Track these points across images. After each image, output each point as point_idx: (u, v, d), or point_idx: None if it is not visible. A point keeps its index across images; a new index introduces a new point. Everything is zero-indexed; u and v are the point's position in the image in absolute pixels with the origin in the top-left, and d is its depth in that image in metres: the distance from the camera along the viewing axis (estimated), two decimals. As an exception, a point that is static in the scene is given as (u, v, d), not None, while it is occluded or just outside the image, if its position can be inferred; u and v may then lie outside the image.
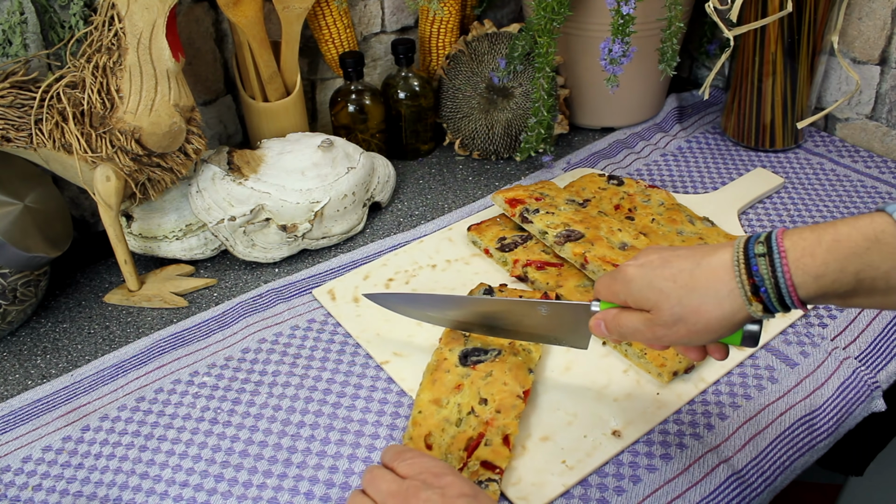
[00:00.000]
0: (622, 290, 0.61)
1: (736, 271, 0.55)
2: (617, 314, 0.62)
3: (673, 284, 0.57)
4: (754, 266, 0.54)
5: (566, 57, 1.18)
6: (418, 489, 0.57)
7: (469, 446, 0.71)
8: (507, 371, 0.77)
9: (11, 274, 0.86)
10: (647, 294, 0.59)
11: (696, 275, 0.56)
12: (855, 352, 0.83)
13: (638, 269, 0.60)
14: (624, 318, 0.62)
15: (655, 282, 0.58)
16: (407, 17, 1.26)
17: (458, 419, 0.73)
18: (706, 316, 0.56)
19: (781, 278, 0.53)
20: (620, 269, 0.62)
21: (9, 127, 0.82)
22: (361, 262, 0.99)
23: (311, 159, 0.98)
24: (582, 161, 1.19)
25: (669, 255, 0.59)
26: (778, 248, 0.54)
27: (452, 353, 0.79)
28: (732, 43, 1.05)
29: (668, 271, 0.58)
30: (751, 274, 0.54)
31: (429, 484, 0.57)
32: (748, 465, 0.72)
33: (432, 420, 0.73)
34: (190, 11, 1.05)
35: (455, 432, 0.72)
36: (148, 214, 0.97)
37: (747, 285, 0.54)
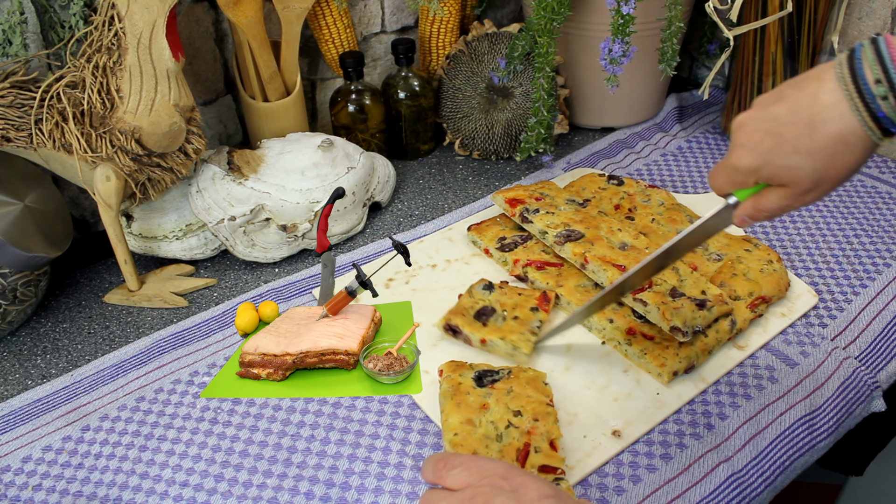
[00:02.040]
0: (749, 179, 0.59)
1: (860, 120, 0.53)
2: (755, 204, 0.60)
3: (798, 155, 0.55)
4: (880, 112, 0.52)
5: (566, 57, 1.18)
6: (488, 496, 0.47)
7: (519, 457, 0.69)
8: (526, 385, 0.76)
9: (11, 274, 0.86)
10: (778, 174, 0.57)
11: (816, 138, 0.54)
12: (855, 352, 0.83)
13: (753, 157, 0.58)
14: (765, 203, 0.59)
15: (779, 161, 0.56)
16: (407, 17, 1.26)
17: (497, 434, 0.71)
18: (844, 166, 0.55)
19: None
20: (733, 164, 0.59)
21: (9, 127, 0.82)
22: (361, 262, 0.99)
23: (311, 159, 0.98)
24: (582, 161, 1.19)
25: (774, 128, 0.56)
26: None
27: (465, 377, 0.78)
28: (732, 43, 1.05)
29: (787, 146, 0.56)
30: (878, 120, 0.53)
31: (498, 487, 0.48)
32: (748, 465, 0.72)
33: (472, 439, 0.71)
34: (190, 11, 1.05)
35: (500, 447, 0.70)
36: (148, 214, 0.97)
37: (877, 131, 0.53)
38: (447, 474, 0.50)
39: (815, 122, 0.54)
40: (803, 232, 1.02)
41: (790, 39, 1.07)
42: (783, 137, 0.55)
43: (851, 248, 0.98)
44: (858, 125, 0.53)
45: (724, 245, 0.95)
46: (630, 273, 0.74)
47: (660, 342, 0.81)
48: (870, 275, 0.93)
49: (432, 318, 0.89)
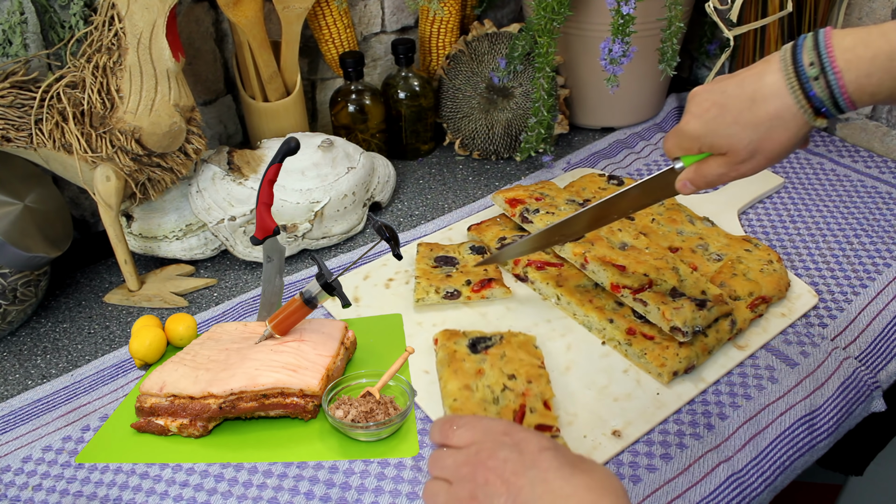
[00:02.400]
0: (692, 145, 0.64)
1: (794, 98, 0.58)
2: (697, 169, 0.66)
3: (738, 126, 0.60)
4: (811, 91, 0.57)
5: (566, 57, 1.18)
6: (492, 450, 0.50)
7: (516, 418, 0.73)
8: (518, 349, 0.80)
9: (11, 274, 0.86)
10: (718, 142, 0.62)
11: (756, 111, 0.59)
12: (855, 352, 0.83)
13: (698, 123, 0.63)
14: (705, 169, 0.65)
15: (720, 129, 0.61)
16: (407, 17, 1.26)
17: (493, 398, 0.75)
18: (778, 140, 0.60)
19: (840, 99, 0.56)
20: (682, 129, 0.64)
21: (9, 127, 0.82)
22: (361, 262, 0.99)
23: (311, 159, 0.98)
24: (582, 161, 1.19)
25: (721, 99, 0.61)
26: (832, 68, 0.56)
27: (459, 345, 0.80)
28: (732, 43, 1.05)
29: (729, 115, 0.61)
30: (809, 98, 0.57)
31: (501, 443, 0.51)
32: (748, 465, 0.72)
33: (471, 403, 0.74)
34: (190, 11, 1.05)
35: (497, 409, 0.74)
36: (148, 214, 0.97)
37: (808, 109, 0.58)
38: (453, 434, 0.53)
39: (757, 97, 0.59)
40: (803, 232, 1.02)
41: (790, 39, 1.07)
42: (727, 108, 0.61)
43: (851, 248, 0.98)
44: (794, 103, 0.58)
45: (724, 245, 0.95)
46: (568, 217, 0.78)
47: (660, 342, 0.81)
48: (870, 275, 0.93)
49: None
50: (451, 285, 0.89)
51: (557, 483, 0.48)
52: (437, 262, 0.94)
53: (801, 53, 0.57)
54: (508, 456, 0.50)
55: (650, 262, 0.87)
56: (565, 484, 0.48)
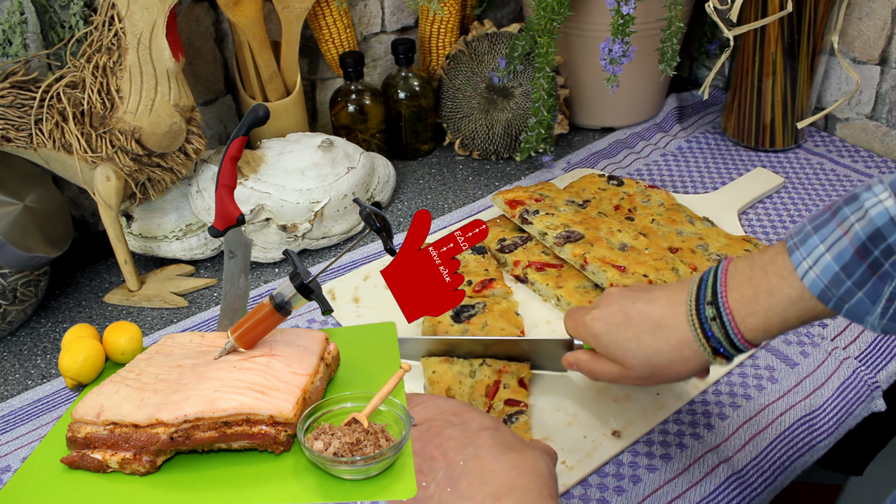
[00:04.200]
0: (591, 341, 0.65)
1: (695, 336, 0.58)
2: (590, 361, 0.66)
3: (638, 346, 0.60)
4: (709, 332, 0.57)
5: (566, 57, 1.18)
6: (440, 428, 0.55)
7: (489, 392, 0.75)
8: (500, 317, 0.82)
9: (11, 274, 0.86)
10: (615, 352, 0.62)
11: (658, 337, 0.59)
12: (855, 352, 0.83)
13: (602, 325, 0.63)
14: (598, 366, 0.65)
15: (620, 341, 0.61)
16: (407, 17, 1.26)
17: (471, 371, 0.76)
18: (676, 371, 0.60)
19: (735, 337, 0.56)
20: (586, 320, 0.65)
21: (9, 127, 0.82)
22: (361, 262, 0.99)
23: (311, 159, 0.98)
24: (582, 161, 1.19)
25: (630, 311, 0.61)
26: (724, 309, 0.56)
27: (443, 315, 0.82)
28: (732, 43, 1.05)
29: (631, 331, 0.61)
30: (708, 339, 0.57)
31: (449, 422, 0.56)
32: (748, 465, 0.72)
33: (447, 376, 0.76)
34: (190, 11, 1.05)
35: (472, 383, 0.75)
36: (148, 214, 0.97)
37: (707, 348, 0.58)
38: (411, 410, 0.57)
39: (662, 324, 0.59)
40: (803, 232, 1.01)
41: (790, 39, 1.07)
42: (632, 322, 0.61)
43: (851, 249, 0.98)
44: (694, 339, 0.58)
45: (724, 245, 0.95)
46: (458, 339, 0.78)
47: (660, 342, 0.81)
48: (870, 275, 0.93)
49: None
50: None
51: (487, 460, 0.52)
52: None
53: (703, 291, 0.58)
54: (453, 434, 0.54)
55: (650, 263, 0.87)
56: (493, 461, 0.52)
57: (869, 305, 0.49)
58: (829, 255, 0.49)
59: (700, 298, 0.57)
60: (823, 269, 0.50)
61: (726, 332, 0.56)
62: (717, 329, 0.56)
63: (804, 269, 0.51)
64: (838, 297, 0.50)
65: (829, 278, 0.50)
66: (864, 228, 0.48)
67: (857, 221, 0.48)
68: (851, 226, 0.48)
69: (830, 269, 0.49)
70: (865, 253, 0.48)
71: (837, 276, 0.49)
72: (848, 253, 0.48)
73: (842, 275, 0.49)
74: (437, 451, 0.54)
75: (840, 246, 0.49)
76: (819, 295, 0.51)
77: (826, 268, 0.50)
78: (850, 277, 0.49)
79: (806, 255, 0.51)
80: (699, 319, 0.57)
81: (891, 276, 0.48)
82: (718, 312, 0.56)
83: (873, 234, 0.47)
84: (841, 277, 0.49)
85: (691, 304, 0.58)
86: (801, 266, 0.51)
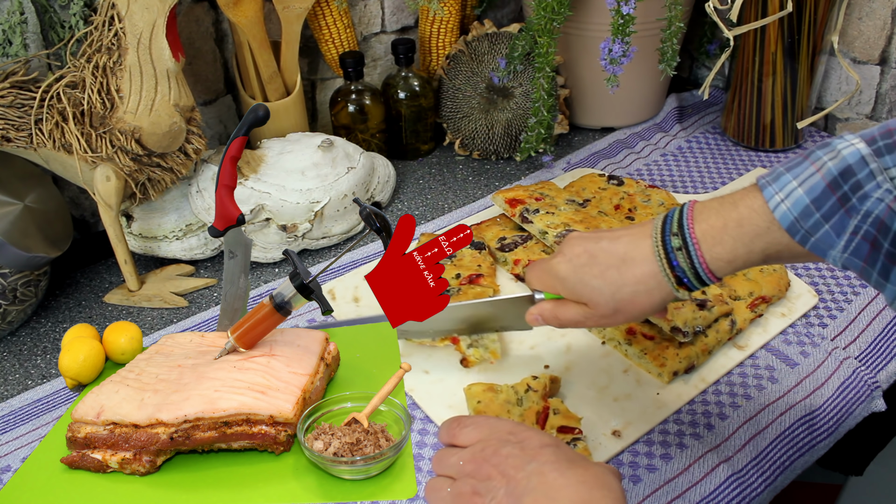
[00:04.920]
0: (556, 285, 0.65)
1: (660, 266, 0.59)
2: (554, 308, 0.66)
3: (603, 282, 0.61)
4: (674, 261, 0.58)
5: (566, 57, 1.18)
6: (496, 447, 0.53)
7: (539, 420, 0.73)
8: None
9: (11, 274, 0.86)
10: (581, 291, 0.63)
11: (623, 272, 0.60)
12: (855, 352, 0.83)
13: (567, 267, 0.63)
14: (562, 311, 0.65)
15: (586, 279, 0.62)
16: (407, 17, 1.26)
17: (517, 399, 0.75)
18: (640, 305, 0.61)
19: (700, 268, 0.57)
20: (550, 266, 0.65)
21: (9, 127, 0.82)
22: (361, 262, 0.99)
23: (311, 159, 0.98)
24: (582, 161, 1.19)
25: (594, 249, 0.62)
26: (691, 238, 0.57)
27: None
28: (732, 43, 1.05)
29: (597, 268, 0.61)
30: (672, 268, 0.58)
31: (505, 441, 0.54)
32: (748, 464, 0.72)
33: (494, 406, 0.74)
34: (190, 11, 1.05)
35: (520, 411, 0.74)
36: (148, 214, 0.97)
37: (672, 278, 0.59)
38: (460, 432, 0.55)
39: (627, 258, 0.60)
40: (803, 232, 1.01)
41: (790, 39, 1.07)
42: (597, 261, 0.61)
43: (851, 248, 0.98)
44: (659, 271, 0.59)
45: (724, 245, 0.95)
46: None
47: (660, 342, 0.81)
48: (870, 275, 0.93)
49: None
50: None
51: (552, 475, 0.50)
52: None
53: (668, 224, 0.59)
54: (511, 452, 0.52)
55: (650, 262, 0.87)
56: (559, 476, 0.50)
57: (834, 238, 0.52)
58: (801, 189, 0.52)
59: (665, 231, 0.59)
60: (795, 202, 0.52)
61: (691, 262, 0.57)
62: (683, 259, 0.58)
63: (776, 203, 0.53)
64: (806, 230, 0.52)
65: (799, 210, 0.52)
66: (836, 165, 0.51)
67: (830, 160, 0.51)
68: (824, 164, 0.51)
69: (801, 201, 0.52)
70: (836, 187, 0.51)
71: (807, 208, 0.52)
72: (819, 187, 0.51)
73: (812, 207, 0.52)
74: (495, 471, 0.52)
75: (812, 181, 0.51)
76: (788, 227, 0.53)
77: (797, 201, 0.52)
78: (819, 209, 0.51)
79: (778, 190, 0.53)
80: (665, 250, 0.59)
81: (857, 209, 0.50)
82: (685, 242, 0.57)
83: (844, 169, 0.50)
84: (811, 210, 0.52)
85: (657, 237, 0.59)
86: (773, 199, 0.53)
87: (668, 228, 0.59)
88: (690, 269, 0.58)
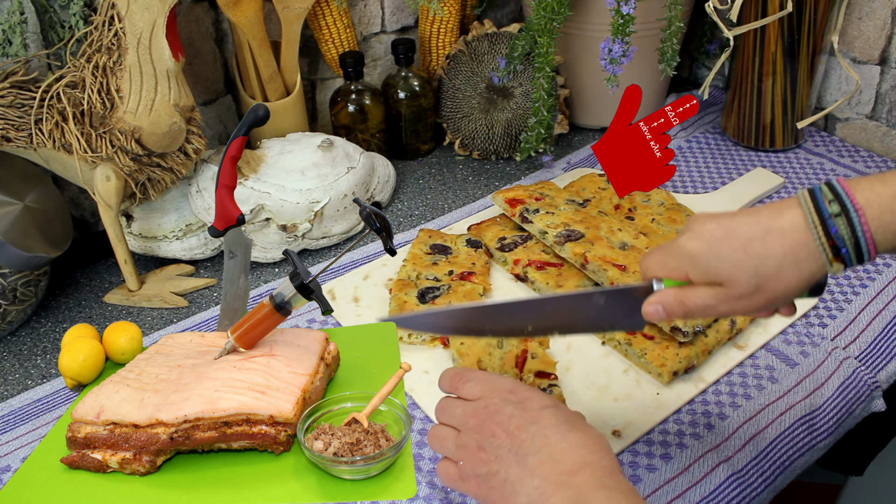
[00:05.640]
0: (684, 266, 0.57)
1: (814, 233, 0.53)
2: (679, 294, 0.57)
3: (745, 255, 0.54)
4: (833, 228, 0.52)
5: (566, 57, 1.18)
6: (499, 406, 0.55)
7: (518, 362, 0.76)
8: (463, 298, 0.85)
9: (11, 274, 0.86)
10: (718, 267, 0.55)
11: (769, 241, 0.53)
12: (855, 352, 0.83)
13: (699, 243, 0.56)
14: (689, 297, 0.57)
15: (724, 254, 0.54)
16: (407, 17, 1.26)
17: (498, 341, 0.78)
18: (786, 281, 0.54)
19: (862, 238, 0.52)
20: (677, 246, 0.57)
21: (9, 127, 0.82)
22: (361, 262, 0.99)
23: (311, 159, 0.98)
24: (582, 161, 1.19)
25: (730, 223, 0.55)
26: (853, 206, 0.52)
27: (409, 295, 0.85)
28: (732, 43, 1.05)
29: (737, 241, 0.54)
30: (830, 236, 0.52)
31: (507, 400, 0.55)
32: (748, 464, 0.72)
33: (476, 347, 0.77)
34: (190, 11, 1.05)
35: (501, 354, 0.77)
36: (148, 214, 0.97)
37: (828, 248, 0.52)
38: (462, 386, 0.57)
39: (772, 227, 0.54)
40: (803, 232, 1.01)
41: (790, 39, 1.07)
42: (736, 234, 0.54)
43: (851, 248, 0.98)
44: (812, 240, 0.53)
45: (724, 245, 0.95)
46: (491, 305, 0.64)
47: (660, 342, 0.81)
48: (870, 275, 0.93)
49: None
50: (432, 272, 0.91)
51: (554, 438, 0.53)
52: (431, 249, 0.96)
53: (819, 194, 0.53)
54: (513, 412, 0.54)
55: (650, 262, 0.87)
56: (561, 439, 0.53)
57: None
58: None
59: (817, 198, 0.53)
60: None
61: (852, 229, 0.52)
62: (843, 225, 0.52)
63: None
64: None
65: None
66: None
67: None
68: None
69: None
70: None
71: None
72: None
73: None
74: (499, 429, 0.54)
75: None
76: None
77: None
78: None
79: None
80: (820, 217, 0.52)
81: None
82: (844, 208, 0.52)
83: None
84: None
85: (807, 205, 0.53)
86: None
87: (819, 197, 0.53)
88: (850, 238, 0.52)
